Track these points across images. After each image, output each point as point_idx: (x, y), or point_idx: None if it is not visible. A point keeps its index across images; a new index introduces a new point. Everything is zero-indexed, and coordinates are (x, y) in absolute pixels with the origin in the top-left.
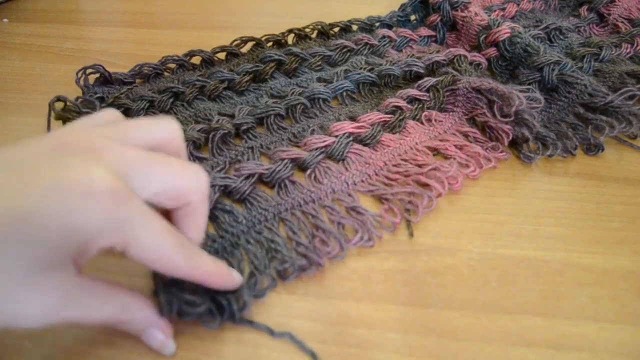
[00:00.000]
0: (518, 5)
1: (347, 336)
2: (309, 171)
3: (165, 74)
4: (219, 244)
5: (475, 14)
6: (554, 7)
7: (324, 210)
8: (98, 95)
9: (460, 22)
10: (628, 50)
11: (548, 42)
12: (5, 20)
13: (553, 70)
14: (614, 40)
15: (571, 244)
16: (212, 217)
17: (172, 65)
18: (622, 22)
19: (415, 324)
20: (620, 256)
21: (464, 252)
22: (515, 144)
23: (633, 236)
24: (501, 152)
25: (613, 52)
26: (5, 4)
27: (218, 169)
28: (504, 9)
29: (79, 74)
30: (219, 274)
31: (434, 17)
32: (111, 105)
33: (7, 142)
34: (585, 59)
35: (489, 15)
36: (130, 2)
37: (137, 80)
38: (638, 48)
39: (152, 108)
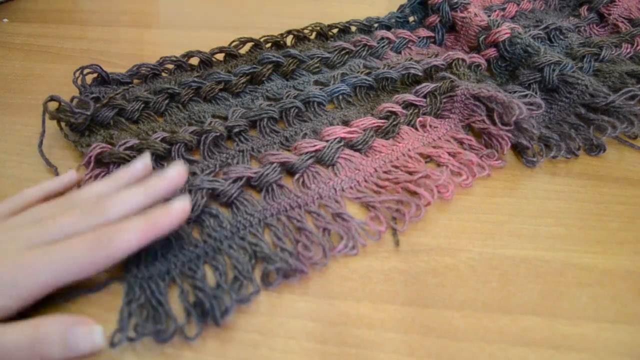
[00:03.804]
0: (518, 5)
1: (347, 336)
2: (297, 176)
3: (163, 74)
4: (200, 249)
5: (475, 14)
6: (554, 7)
7: (309, 216)
8: (94, 95)
9: (460, 23)
10: (628, 50)
11: (548, 42)
12: (5, 20)
13: (554, 70)
14: (614, 40)
15: (571, 244)
16: (198, 221)
17: (170, 66)
18: (622, 22)
19: (415, 324)
20: (620, 256)
21: (464, 252)
22: (517, 147)
23: (633, 236)
24: (496, 159)
25: (613, 52)
26: (5, 4)
27: (207, 172)
28: (504, 9)
29: (76, 74)
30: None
31: (433, 18)
32: (106, 105)
33: (7, 142)
34: (585, 59)
35: (489, 16)
36: (130, 2)
37: (135, 81)
38: (638, 48)
39: (146, 109)
